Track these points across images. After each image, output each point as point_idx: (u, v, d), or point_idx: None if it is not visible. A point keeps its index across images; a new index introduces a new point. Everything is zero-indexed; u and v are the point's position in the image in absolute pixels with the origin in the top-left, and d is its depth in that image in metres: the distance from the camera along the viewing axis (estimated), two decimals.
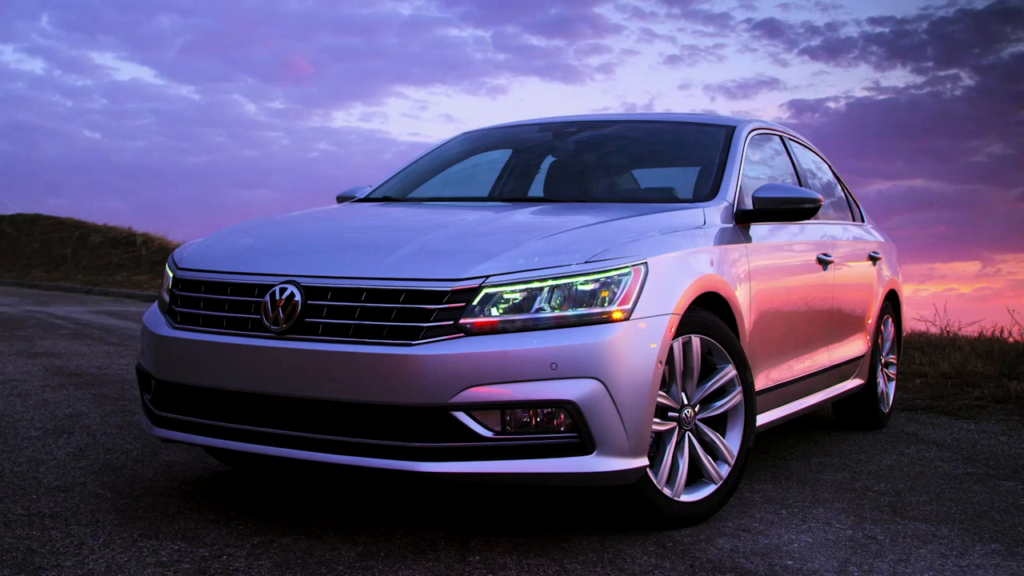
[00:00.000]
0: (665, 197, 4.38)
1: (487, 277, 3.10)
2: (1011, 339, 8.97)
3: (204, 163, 32.10)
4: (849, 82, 25.21)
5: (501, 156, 5.08)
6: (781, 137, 5.09)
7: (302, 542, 3.23)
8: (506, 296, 3.10)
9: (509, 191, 4.84)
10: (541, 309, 3.11)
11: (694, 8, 26.82)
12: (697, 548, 3.28)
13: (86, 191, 32.20)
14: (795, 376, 4.52)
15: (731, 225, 4.03)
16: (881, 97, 23.98)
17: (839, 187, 5.78)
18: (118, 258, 22.00)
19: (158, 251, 21.99)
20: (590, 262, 3.19)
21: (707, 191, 4.17)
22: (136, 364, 3.84)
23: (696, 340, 3.49)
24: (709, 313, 3.60)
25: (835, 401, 5.27)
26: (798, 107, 24.03)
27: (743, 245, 4.01)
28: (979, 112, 23.66)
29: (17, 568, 2.93)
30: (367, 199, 4.80)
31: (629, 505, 3.37)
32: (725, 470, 3.61)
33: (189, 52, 32.50)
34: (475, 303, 3.08)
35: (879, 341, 5.75)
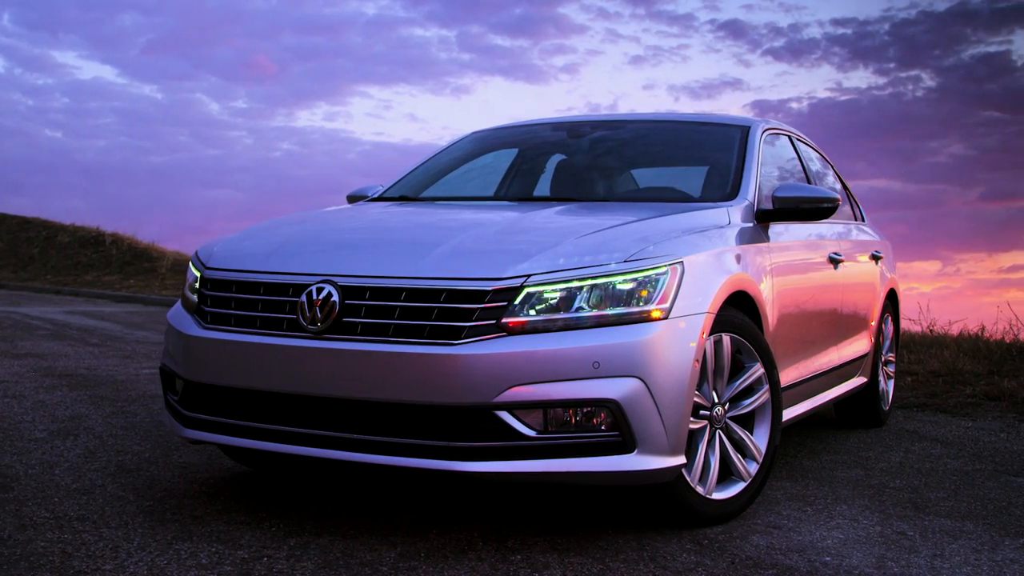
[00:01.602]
0: (685, 196, 4.39)
1: (528, 276, 3.10)
2: (993, 337, 9.07)
3: (167, 162, 31.75)
4: (812, 83, 25.45)
5: (513, 155, 5.07)
6: (789, 137, 5.13)
7: (339, 543, 3.21)
8: (547, 295, 3.10)
9: (526, 191, 4.84)
10: (581, 308, 3.11)
11: (658, 9, 26.94)
12: (733, 545, 3.30)
13: (47, 190, 31.75)
14: (810, 374, 4.55)
15: (752, 224, 4.05)
16: (843, 98, 24.24)
17: (841, 186, 5.83)
18: (87, 258, 21.72)
19: (127, 251, 21.74)
20: (628, 261, 3.20)
21: (727, 191, 4.19)
22: (160, 365, 3.79)
23: (727, 339, 3.51)
24: (738, 312, 3.62)
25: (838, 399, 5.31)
26: (761, 108, 24.23)
27: (765, 244, 4.04)
28: (940, 113, 23.98)
29: (56, 572, 2.88)
30: (382, 198, 4.78)
31: (664, 503, 3.38)
32: (754, 467, 3.63)
33: (152, 51, 32.11)
34: (517, 302, 3.08)
35: (880, 339, 5.81)
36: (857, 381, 5.42)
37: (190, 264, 3.79)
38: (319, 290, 3.22)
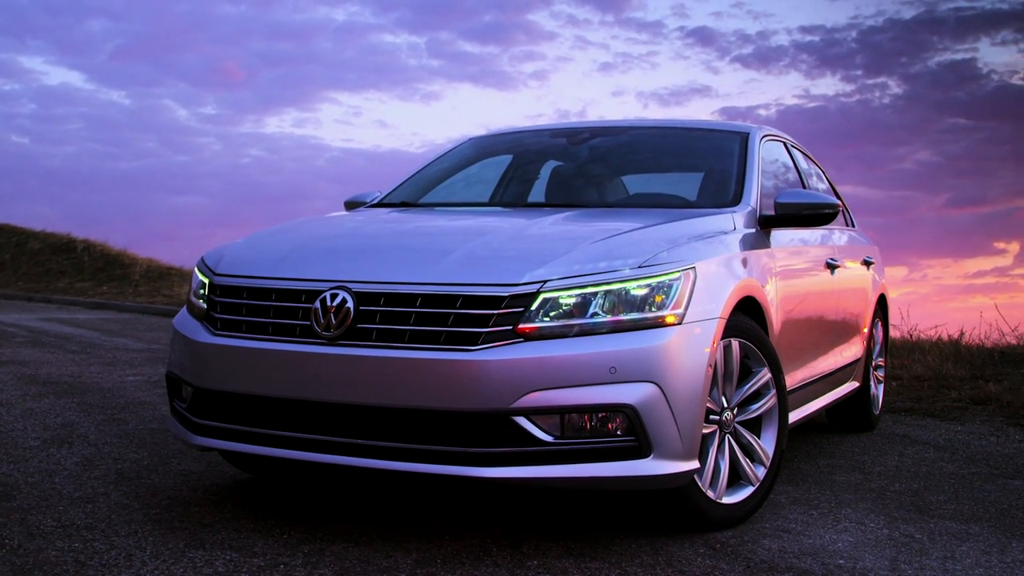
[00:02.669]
0: (688, 203, 4.41)
1: (545, 282, 3.11)
2: (973, 343, 9.17)
3: (134, 169, 31.32)
4: (780, 90, 25.57)
5: (513, 161, 5.07)
6: (784, 143, 5.17)
7: (352, 550, 3.20)
8: (562, 301, 3.11)
9: (527, 197, 4.84)
10: (596, 314, 3.12)
11: (628, 16, 27.01)
12: (745, 549, 3.31)
13: (14, 197, 31.30)
14: (810, 379, 4.59)
15: (755, 230, 4.08)
16: (811, 105, 24.37)
17: (833, 192, 5.88)
18: (59, 265, 21.48)
19: (99, 257, 21.52)
20: (643, 267, 3.21)
21: (730, 197, 4.21)
22: (166, 372, 3.76)
23: (735, 343, 3.53)
24: (746, 317, 3.64)
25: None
26: (730, 114, 24.35)
27: (768, 250, 4.07)
28: (907, 120, 24.18)
29: None
30: (384, 204, 4.76)
31: (676, 507, 3.39)
32: (761, 472, 3.65)
33: (120, 57, 31.67)
34: (533, 308, 3.08)
35: (871, 344, 5.86)
36: (851, 386, 5.47)
37: (196, 270, 3.77)
38: (333, 296, 3.21)
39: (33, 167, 31.36)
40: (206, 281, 3.61)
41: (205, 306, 3.55)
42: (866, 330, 5.66)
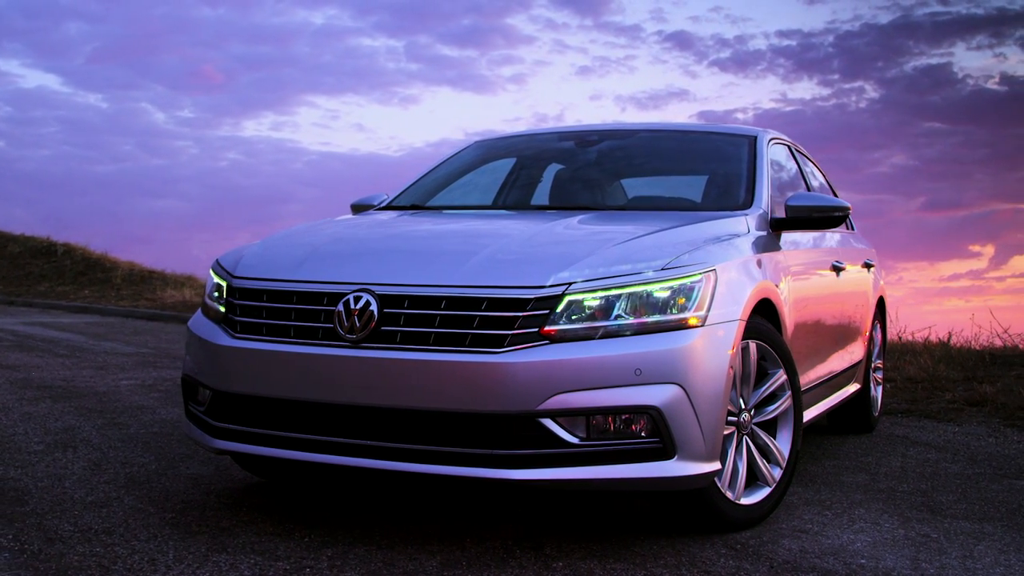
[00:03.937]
0: (700, 206, 4.43)
1: (570, 284, 3.12)
2: (963, 345, 9.24)
3: (111, 172, 31.06)
4: (757, 94, 25.69)
5: (522, 165, 5.08)
6: (788, 146, 5.20)
7: (376, 552, 3.19)
8: (587, 303, 3.12)
9: (540, 200, 4.84)
10: (620, 316, 3.13)
11: (606, 20, 27.08)
12: (766, 549, 3.33)
13: None
14: (818, 380, 4.62)
15: (767, 232, 4.10)
16: (788, 109, 24.46)
17: (833, 195, 5.92)
18: (39, 268, 21.29)
19: (80, 261, 21.34)
20: (665, 269, 3.23)
21: (742, 200, 4.24)
22: (182, 375, 3.74)
23: (753, 345, 3.54)
24: (763, 319, 3.66)
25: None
26: (707, 118, 24.37)
27: (780, 252, 4.09)
28: (883, 124, 24.34)
29: None
30: (393, 207, 4.76)
31: (696, 508, 3.40)
32: (777, 472, 3.67)
33: (97, 60, 31.40)
34: (559, 310, 3.09)
35: (871, 346, 5.90)
36: (853, 388, 5.51)
37: (211, 272, 3.75)
38: (357, 299, 3.21)
39: (9, 170, 31.10)
40: (223, 284, 3.59)
41: (223, 309, 3.54)
42: (867, 332, 5.70)
